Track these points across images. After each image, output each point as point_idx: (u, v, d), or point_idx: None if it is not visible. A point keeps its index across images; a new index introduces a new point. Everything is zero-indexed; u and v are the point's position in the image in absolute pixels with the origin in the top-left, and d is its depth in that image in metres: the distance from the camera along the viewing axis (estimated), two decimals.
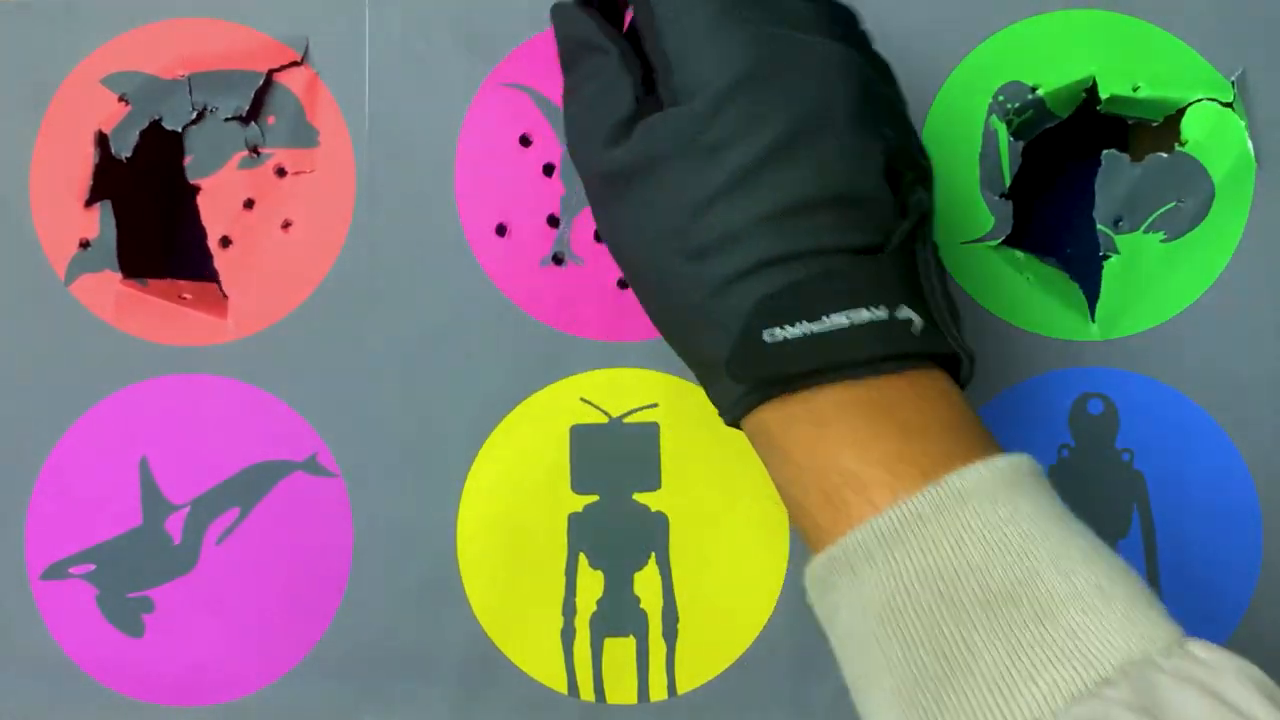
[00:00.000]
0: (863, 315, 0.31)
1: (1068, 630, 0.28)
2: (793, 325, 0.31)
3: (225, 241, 0.48)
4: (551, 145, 0.48)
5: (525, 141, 0.48)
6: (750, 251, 0.32)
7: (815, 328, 0.31)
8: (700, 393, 0.48)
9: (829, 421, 0.32)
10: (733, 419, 0.35)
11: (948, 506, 0.30)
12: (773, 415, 0.33)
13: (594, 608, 0.48)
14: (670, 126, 0.33)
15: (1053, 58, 0.48)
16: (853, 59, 0.33)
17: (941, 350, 0.33)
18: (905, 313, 0.32)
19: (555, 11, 0.38)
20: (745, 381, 0.33)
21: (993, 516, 0.30)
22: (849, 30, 0.36)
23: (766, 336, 0.32)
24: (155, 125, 0.48)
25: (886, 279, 0.32)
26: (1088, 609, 0.28)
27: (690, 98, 0.32)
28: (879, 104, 0.34)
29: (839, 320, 0.31)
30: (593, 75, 0.35)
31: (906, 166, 0.34)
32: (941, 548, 0.29)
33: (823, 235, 0.32)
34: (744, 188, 0.32)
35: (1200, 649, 0.29)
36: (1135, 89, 0.48)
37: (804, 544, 0.34)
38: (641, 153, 0.33)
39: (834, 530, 0.31)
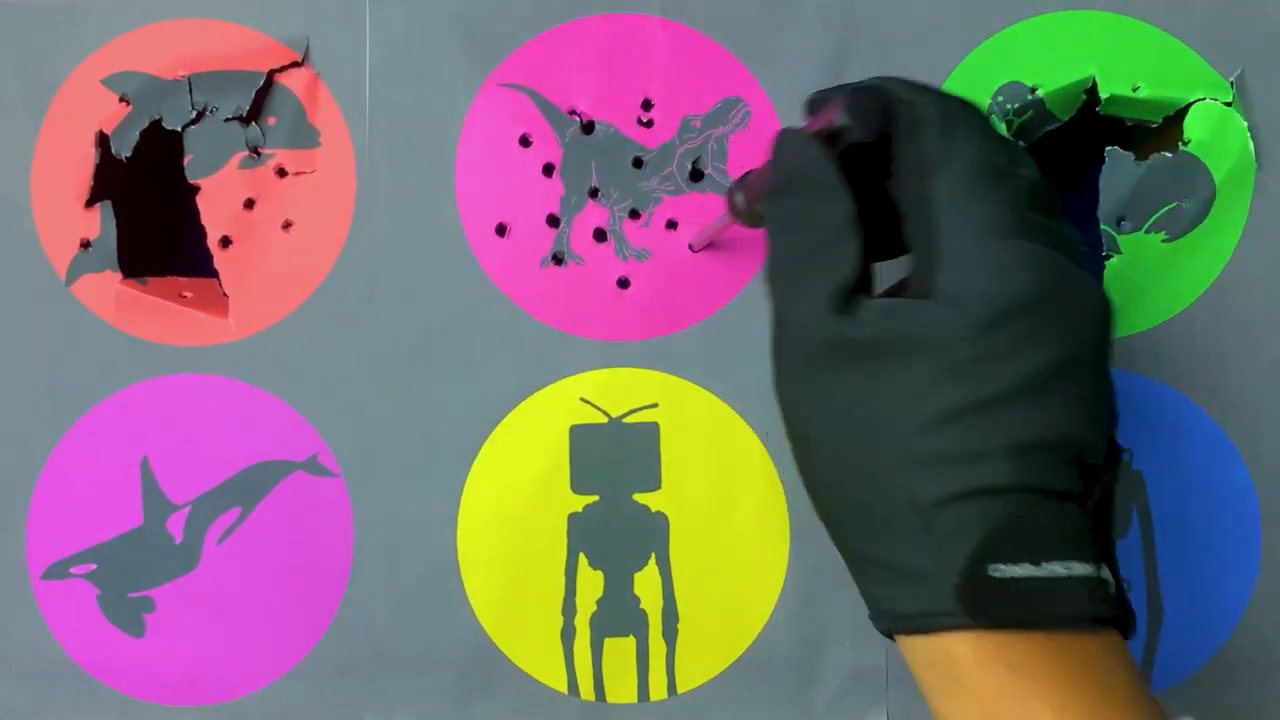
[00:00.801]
0: (1077, 569, 0.30)
1: None
2: (1016, 564, 0.30)
3: (226, 242, 0.49)
4: (551, 146, 0.48)
5: (525, 142, 0.48)
6: (983, 476, 0.30)
7: (1037, 572, 0.30)
8: (701, 393, 0.48)
9: (1026, 670, 0.30)
10: (900, 631, 0.33)
11: None
12: (965, 648, 0.31)
13: (594, 607, 0.48)
14: (933, 324, 0.31)
15: (1053, 58, 0.48)
16: (1108, 302, 0.32)
17: (1123, 613, 0.32)
18: (1105, 572, 0.31)
19: (786, 139, 0.35)
20: (976, 617, 0.31)
21: None
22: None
23: (993, 571, 0.30)
24: (156, 125, 0.48)
25: (1092, 531, 0.31)
26: None
27: (961, 302, 0.31)
28: (1110, 349, 0.33)
29: (1057, 569, 0.30)
30: (814, 222, 0.33)
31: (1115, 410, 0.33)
32: None
33: (1053, 476, 0.31)
34: (995, 412, 0.30)
35: None
36: (1135, 89, 0.48)
37: None
38: (885, 336, 0.31)
39: None
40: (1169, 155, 0.48)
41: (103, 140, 0.48)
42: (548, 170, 0.48)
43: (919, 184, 0.32)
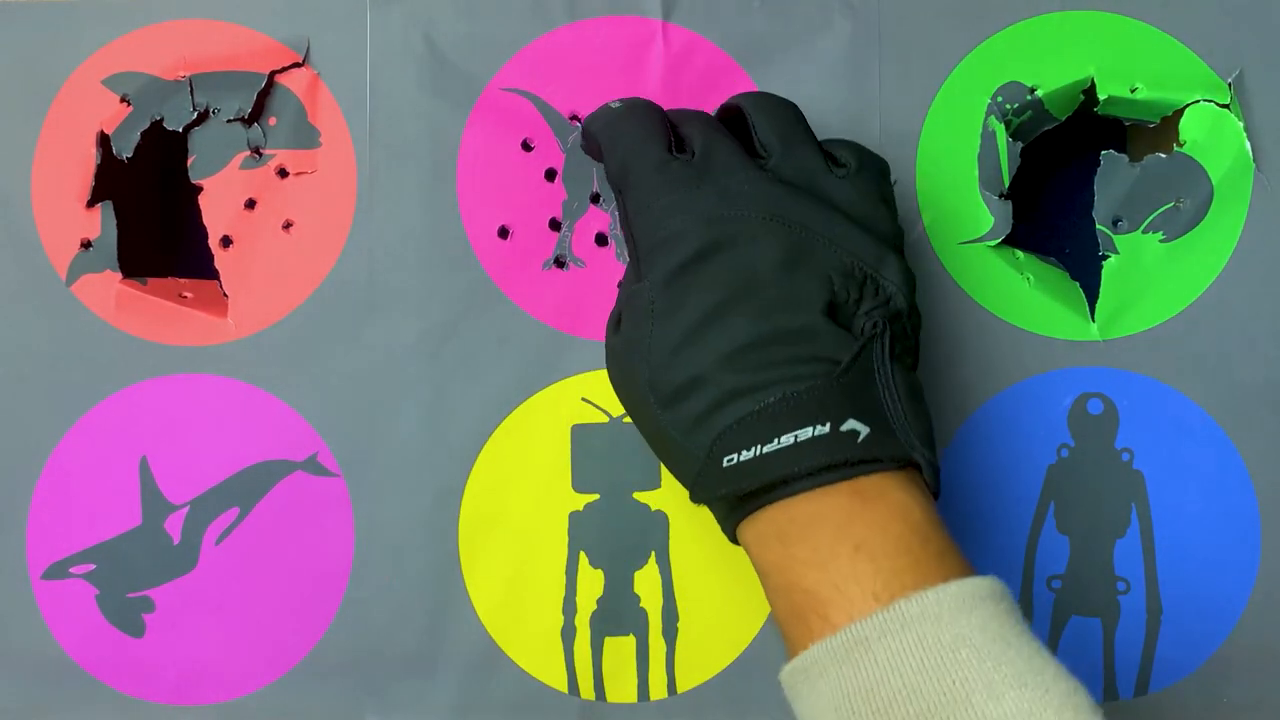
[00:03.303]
0: (807, 433, 0.35)
1: None
2: (748, 450, 0.35)
3: (226, 241, 0.49)
4: (553, 150, 0.48)
5: (527, 146, 0.49)
6: (711, 391, 0.36)
7: (766, 449, 0.35)
8: None
9: (792, 539, 0.35)
10: (730, 538, 0.39)
11: (891, 631, 0.32)
12: (748, 534, 0.37)
13: (594, 606, 0.48)
14: (635, 301, 0.39)
15: (1052, 59, 0.48)
16: (777, 232, 0.38)
17: (890, 454, 0.36)
18: (851, 425, 0.35)
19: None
20: (705, 502, 0.38)
21: (934, 641, 0.32)
22: (802, 187, 0.40)
23: (725, 462, 0.36)
24: (157, 126, 0.48)
25: (833, 398, 0.36)
26: None
27: (650, 275, 0.39)
28: (814, 257, 0.38)
29: (787, 440, 0.35)
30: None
31: (862, 295, 0.38)
32: (882, 668, 0.32)
33: (773, 369, 0.36)
34: (696, 339, 0.37)
35: None
36: (1133, 90, 0.48)
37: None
38: (622, 326, 0.40)
39: (800, 644, 0.35)
40: (1164, 156, 0.48)
41: (104, 141, 0.48)
42: (549, 175, 0.49)
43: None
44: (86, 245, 0.49)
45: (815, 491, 0.35)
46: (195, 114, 0.48)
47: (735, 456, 0.36)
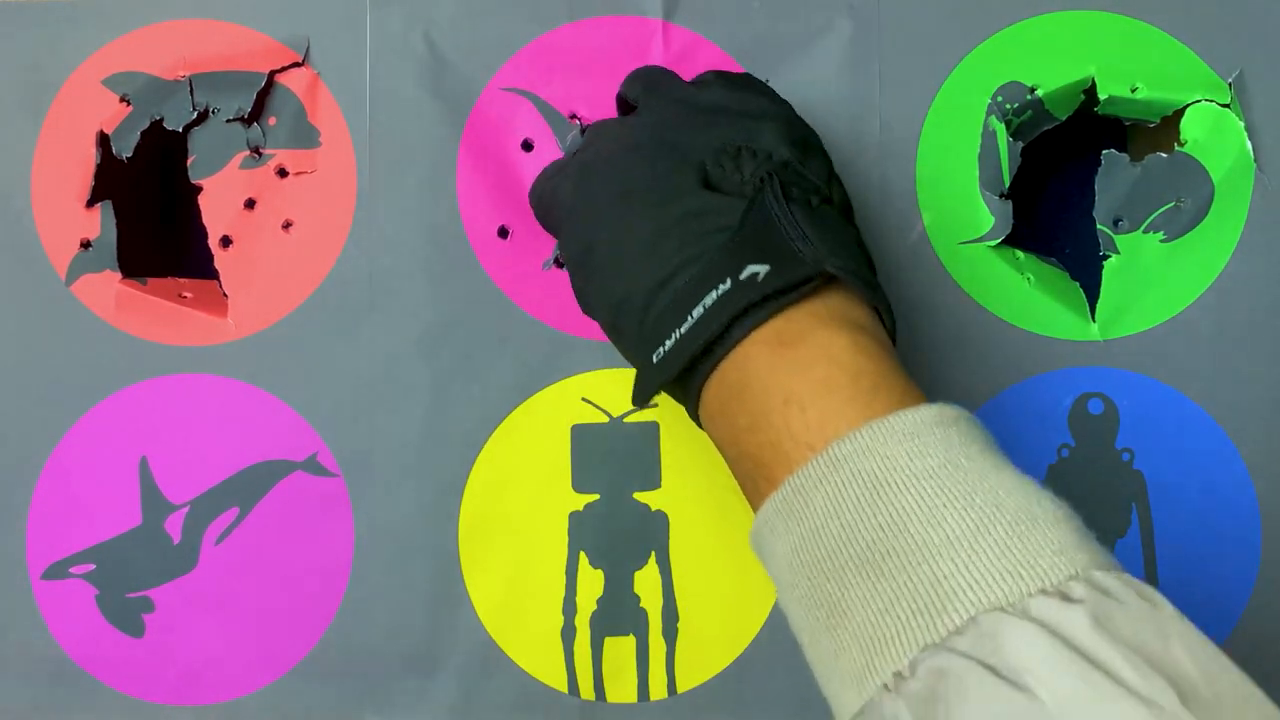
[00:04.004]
0: (711, 297, 0.34)
1: (931, 580, 0.28)
2: (669, 339, 0.35)
3: (226, 241, 0.49)
4: (553, 151, 0.48)
5: (527, 146, 0.49)
6: (635, 305, 0.37)
7: (682, 328, 0.35)
8: None
9: (730, 409, 0.35)
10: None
11: (824, 475, 0.31)
12: (704, 419, 0.37)
13: (594, 606, 0.48)
14: (568, 273, 0.41)
15: (1052, 58, 0.48)
16: (637, 150, 0.39)
17: (796, 278, 0.34)
18: (750, 270, 0.34)
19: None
20: (643, 403, 0.38)
21: (868, 477, 0.30)
22: (661, 112, 0.41)
23: (654, 358, 0.36)
24: (157, 126, 0.48)
25: (732, 256, 0.35)
26: (955, 556, 0.28)
27: (560, 248, 0.43)
28: (676, 151, 0.39)
29: (697, 313, 0.34)
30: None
31: (739, 165, 0.38)
32: (821, 515, 0.31)
33: (674, 255, 0.36)
34: (605, 272, 0.38)
35: (1082, 586, 0.28)
36: (1133, 90, 0.48)
37: None
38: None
39: (755, 509, 0.35)
40: (1165, 156, 0.48)
41: (104, 140, 0.48)
42: None
43: None
44: (86, 245, 0.49)
45: (737, 351, 0.34)
46: (195, 114, 0.48)
47: (661, 349, 0.35)
